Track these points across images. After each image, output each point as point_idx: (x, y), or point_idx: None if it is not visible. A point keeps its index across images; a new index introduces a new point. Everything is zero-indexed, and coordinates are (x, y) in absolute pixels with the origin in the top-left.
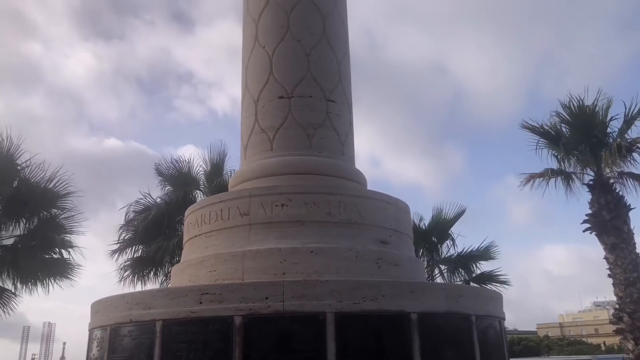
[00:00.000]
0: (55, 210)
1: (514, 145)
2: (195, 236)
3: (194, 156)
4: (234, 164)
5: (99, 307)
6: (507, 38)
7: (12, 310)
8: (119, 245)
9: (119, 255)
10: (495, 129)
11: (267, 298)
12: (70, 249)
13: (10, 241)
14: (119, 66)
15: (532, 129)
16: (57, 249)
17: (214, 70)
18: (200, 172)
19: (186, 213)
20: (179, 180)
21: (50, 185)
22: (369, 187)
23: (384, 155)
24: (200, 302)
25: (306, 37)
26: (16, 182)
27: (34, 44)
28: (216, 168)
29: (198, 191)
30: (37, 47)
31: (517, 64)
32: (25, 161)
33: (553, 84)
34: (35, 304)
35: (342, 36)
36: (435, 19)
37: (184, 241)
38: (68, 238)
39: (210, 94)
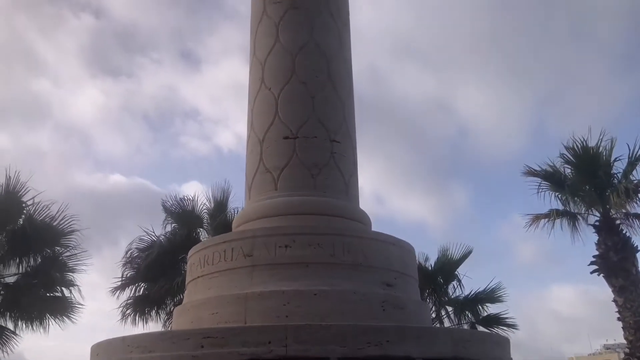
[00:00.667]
0: (58, 248)
1: (519, 182)
2: (198, 277)
3: (198, 194)
4: (237, 202)
5: (98, 350)
6: (511, 76)
7: (11, 350)
8: (120, 283)
9: (120, 293)
10: (500, 166)
11: (270, 342)
12: (71, 287)
13: (12, 279)
14: (126, 103)
15: (535, 174)
16: (58, 288)
17: (220, 107)
18: (204, 211)
19: (189, 253)
20: (183, 218)
21: (55, 223)
22: (374, 225)
23: (388, 192)
24: (202, 346)
25: (311, 80)
26: (21, 220)
27: (44, 80)
28: (220, 206)
29: (201, 229)
30: (47, 83)
31: (521, 101)
32: (31, 199)
33: (557, 121)
34: (34, 342)
35: (347, 78)
36: (440, 57)
37: (186, 282)
38: (70, 277)
39: (215, 130)
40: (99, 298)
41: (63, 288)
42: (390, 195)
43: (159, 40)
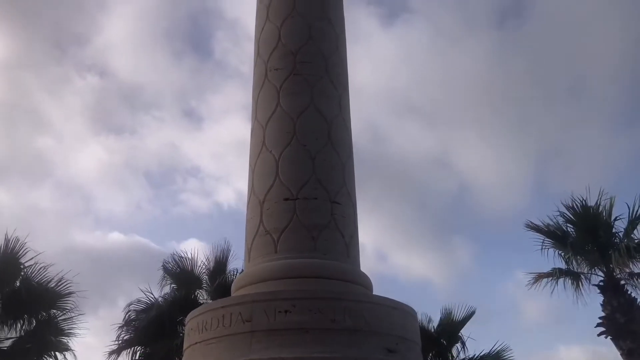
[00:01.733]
0: (54, 310)
1: (522, 238)
2: (196, 343)
3: (197, 252)
4: (237, 262)
5: None
6: (511, 131)
7: None
8: (117, 346)
9: (116, 358)
10: (502, 221)
11: None
12: (66, 352)
13: (6, 343)
14: (128, 160)
15: (537, 229)
16: (52, 352)
17: (221, 164)
18: (203, 271)
19: (187, 318)
20: (182, 279)
21: (52, 285)
22: (376, 283)
23: (390, 249)
24: None
25: (311, 142)
26: (18, 282)
27: (47, 138)
28: (219, 266)
29: (201, 290)
30: (50, 141)
31: (522, 156)
32: (29, 259)
33: (558, 176)
34: None
35: (346, 140)
36: (439, 113)
37: (184, 348)
38: (65, 340)
39: (216, 187)
40: None
41: (57, 353)
42: (392, 252)
43: (162, 98)
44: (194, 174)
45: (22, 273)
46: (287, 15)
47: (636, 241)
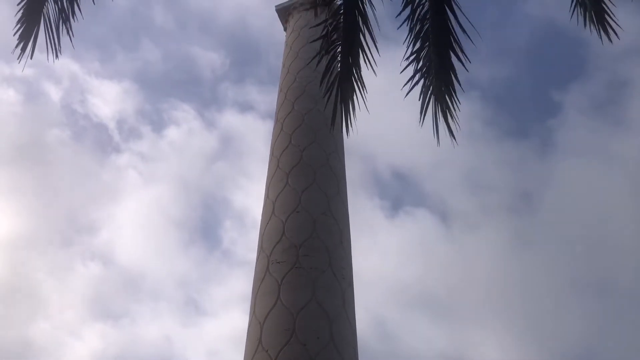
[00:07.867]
0: None
1: None
2: None
3: None
4: None
5: None
6: (531, 329)
7: None
8: None
9: None
10: None
11: None
12: None
13: None
14: (122, 352)
15: None
16: None
17: None
18: None
19: None
20: None
21: None
22: None
23: None
24: None
25: (312, 341)
26: None
27: (44, 323)
28: None
29: None
30: (45, 327)
31: (545, 356)
32: None
33: None
34: None
35: (350, 339)
36: (451, 306)
37: None
38: None
39: None
40: None
41: None
42: None
43: (163, 288)
44: None
45: None
46: (293, 210)
47: None
